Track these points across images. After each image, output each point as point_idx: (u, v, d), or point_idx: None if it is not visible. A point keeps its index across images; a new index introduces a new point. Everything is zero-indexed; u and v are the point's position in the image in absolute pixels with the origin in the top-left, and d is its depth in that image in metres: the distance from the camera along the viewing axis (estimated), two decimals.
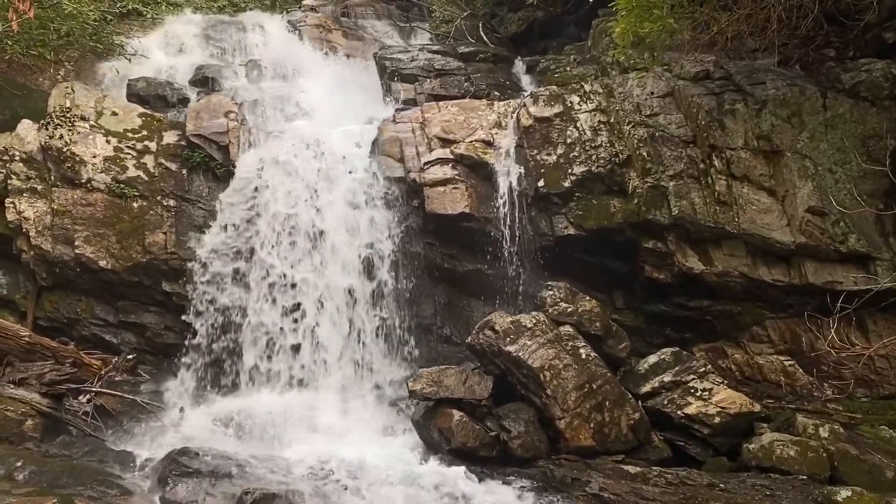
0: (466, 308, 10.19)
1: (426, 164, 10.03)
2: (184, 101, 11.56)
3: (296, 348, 9.51)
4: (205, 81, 12.07)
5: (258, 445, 8.43)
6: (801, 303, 9.32)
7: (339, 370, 9.55)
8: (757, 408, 8.43)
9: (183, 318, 9.71)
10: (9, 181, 10.02)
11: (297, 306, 9.58)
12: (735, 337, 9.66)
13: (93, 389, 8.81)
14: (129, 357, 9.62)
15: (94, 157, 10.20)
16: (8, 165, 10.08)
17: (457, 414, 8.27)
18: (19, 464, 7.42)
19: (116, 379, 9.22)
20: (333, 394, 9.34)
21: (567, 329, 8.74)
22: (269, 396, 9.27)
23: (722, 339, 9.71)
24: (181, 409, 9.02)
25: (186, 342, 9.66)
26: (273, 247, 9.76)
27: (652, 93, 10.18)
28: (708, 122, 9.75)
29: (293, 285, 9.62)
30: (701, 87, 10.02)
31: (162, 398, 9.23)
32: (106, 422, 8.63)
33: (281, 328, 9.55)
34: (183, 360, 9.63)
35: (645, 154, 9.84)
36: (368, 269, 9.81)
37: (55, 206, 9.90)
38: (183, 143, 10.51)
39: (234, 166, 10.25)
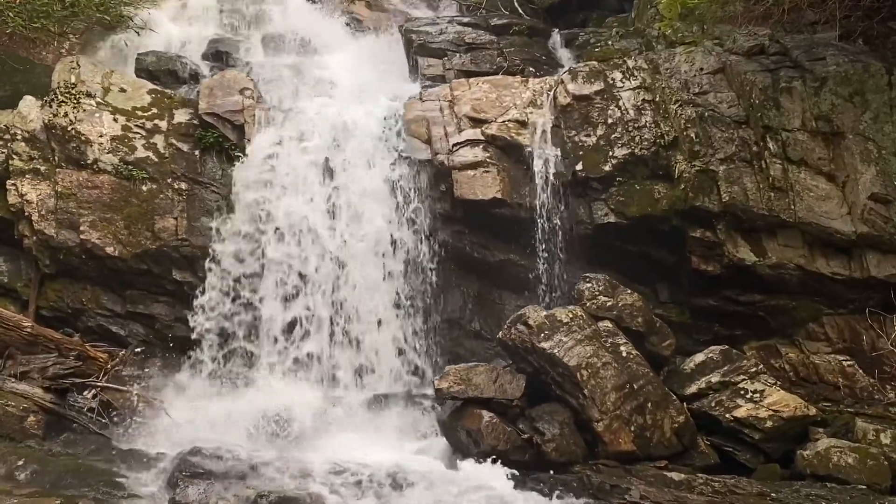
0: (497, 301, 10.17)
1: (455, 145, 10.02)
2: (196, 77, 11.59)
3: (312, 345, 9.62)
4: (219, 56, 12.11)
5: (273, 445, 8.48)
6: (863, 298, 9.25)
7: (363, 367, 9.64)
8: (812, 411, 8.39)
9: (194, 304, 9.78)
10: (10, 162, 10.09)
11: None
12: (789, 334, 9.61)
13: (99, 384, 8.86)
14: (137, 350, 9.70)
15: (101, 136, 10.25)
16: (9, 145, 10.16)
17: (486, 415, 8.28)
18: (20, 462, 7.49)
19: (124, 373, 9.27)
20: (353, 392, 9.41)
21: (606, 324, 8.72)
22: (285, 393, 9.30)
23: (775, 337, 9.66)
24: (193, 406, 9.06)
25: (198, 334, 9.73)
26: (290, 237, 9.85)
27: (701, 69, 10.12)
28: (762, 100, 9.67)
29: (310, 281, 9.75)
30: (755, 62, 9.94)
31: (172, 394, 9.27)
32: (112, 418, 8.69)
33: (297, 324, 9.64)
34: (195, 352, 9.70)
35: (693, 135, 9.78)
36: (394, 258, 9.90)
37: (59, 189, 9.99)
38: (195, 121, 10.54)
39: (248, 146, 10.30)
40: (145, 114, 10.57)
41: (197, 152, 10.42)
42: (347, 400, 9.22)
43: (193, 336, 9.72)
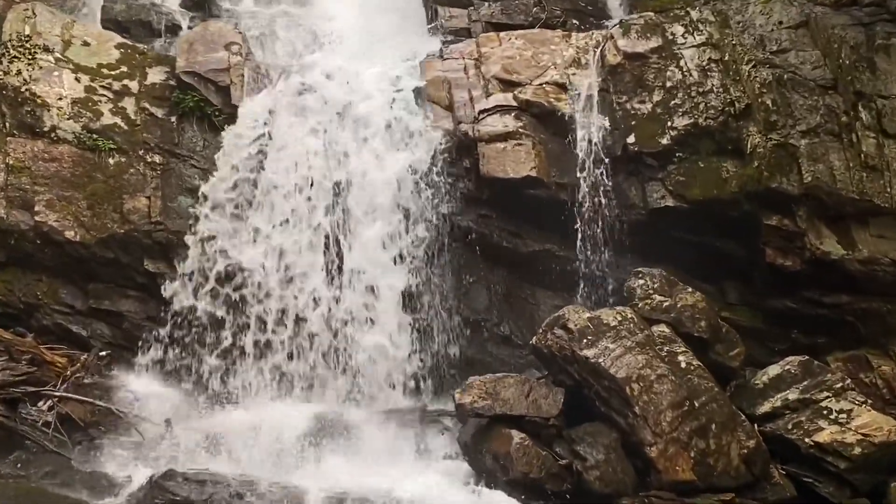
0: (531, 300, 10.15)
1: (482, 112, 10.00)
2: (173, 30, 11.56)
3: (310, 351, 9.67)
4: (200, 4, 12.04)
5: (262, 468, 8.46)
6: None
7: (364, 377, 9.64)
8: None
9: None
10: None
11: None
12: (883, 344, 9.56)
13: (56, 394, 8.84)
14: (101, 354, 9.66)
15: (61, 99, 10.24)
16: None
17: (517, 435, 8.25)
18: None
19: (86, 381, 9.24)
20: (356, 407, 9.42)
21: (662, 329, 8.69)
22: (276, 407, 9.34)
23: (865, 346, 9.60)
24: (167, 421, 9.05)
25: (173, 336, 9.74)
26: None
27: (780, 22, 10.09)
28: (853, 61, 9.64)
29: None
30: (845, 15, 9.93)
31: (143, 406, 9.25)
32: (72, 435, 8.67)
33: (292, 331, 9.68)
34: (171, 357, 9.72)
35: (769, 102, 9.75)
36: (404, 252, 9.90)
37: (10, 161, 9.99)
38: (172, 82, 10.51)
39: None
40: (113, 72, 10.54)
41: (174, 119, 10.39)
42: (349, 417, 9.21)
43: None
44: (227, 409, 9.40)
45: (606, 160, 9.82)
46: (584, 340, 8.41)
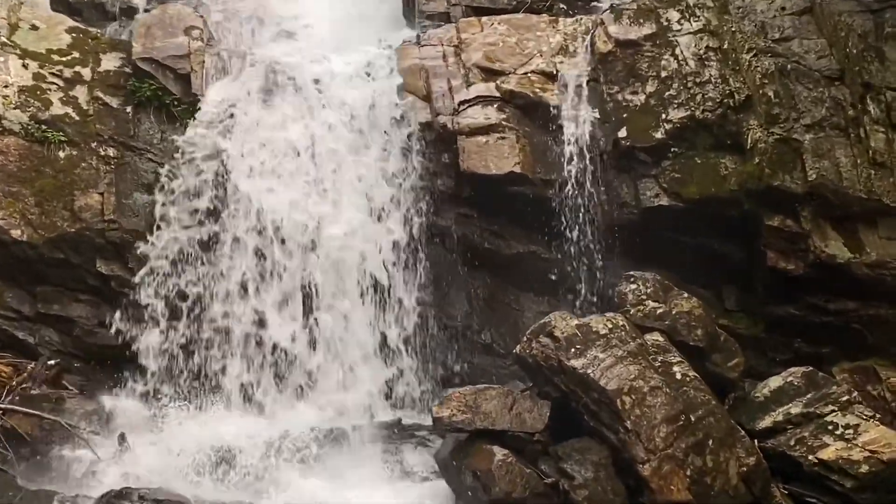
0: (514, 305, 10.18)
1: (462, 103, 10.00)
2: (129, 13, 11.46)
3: (280, 360, 9.63)
4: None
5: (223, 488, 8.47)
6: None
7: (335, 390, 9.62)
8: None
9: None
10: None
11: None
12: (892, 353, 9.63)
13: (0, 406, 8.81)
14: (50, 363, 9.57)
15: (7, 86, 10.16)
16: None
17: (499, 452, 8.19)
18: None
19: (33, 392, 9.19)
20: (326, 422, 9.34)
21: (656, 338, 8.66)
22: (242, 422, 9.30)
23: (873, 357, 9.66)
24: (122, 436, 8.96)
25: (131, 343, 9.68)
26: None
27: (783, 8, 10.14)
28: (861, 50, 9.71)
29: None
30: (853, 1, 10.00)
31: (95, 420, 9.19)
32: (18, 450, 8.62)
33: (259, 339, 9.66)
34: (124, 368, 9.66)
35: (771, 94, 9.79)
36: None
37: None
38: (128, 69, 10.48)
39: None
40: (64, 59, 10.48)
41: (129, 109, 10.33)
42: (318, 433, 9.13)
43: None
44: (188, 423, 9.33)
45: (596, 155, 9.85)
46: (572, 349, 8.36)
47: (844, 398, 8.56)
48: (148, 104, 10.33)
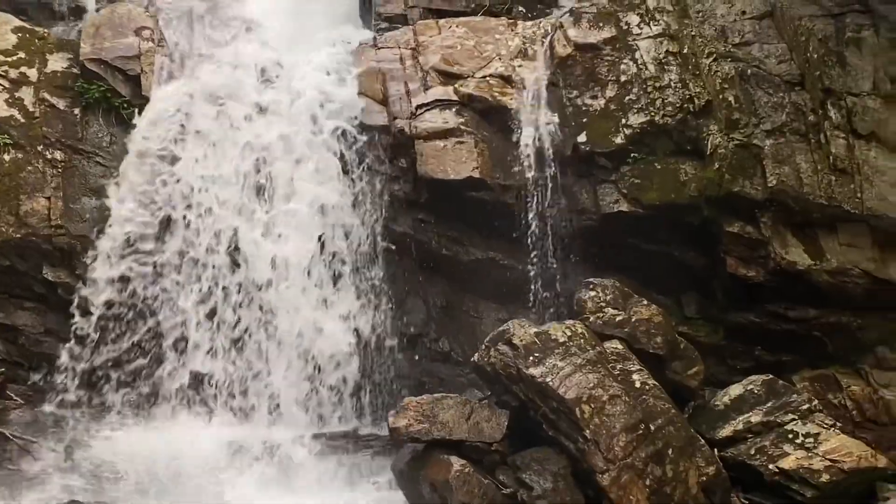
0: (472, 313, 10.22)
1: (419, 107, 10.03)
2: (77, 12, 11.42)
3: (229, 368, 9.64)
4: None
5: (173, 499, 8.43)
6: None
7: (289, 398, 9.62)
8: (882, 462, 8.42)
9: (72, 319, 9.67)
10: None
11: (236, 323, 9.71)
12: (853, 361, 9.71)
13: None
14: None
15: None
16: None
17: (457, 462, 8.21)
18: None
19: None
20: (280, 431, 9.37)
21: (615, 345, 8.73)
22: (193, 431, 9.30)
23: (834, 365, 9.74)
24: (68, 447, 8.97)
25: (78, 351, 9.63)
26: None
27: (743, 12, 10.19)
28: (822, 55, 9.74)
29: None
30: (813, 5, 10.00)
31: (41, 430, 9.19)
32: None
33: (211, 345, 9.65)
34: (69, 376, 9.59)
35: (731, 99, 9.84)
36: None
37: None
38: (76, 70, 10.44)
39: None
40: (9, 59, 10.43)
41: (77, 111, 10.31)
42: (273, 441, 9.16)
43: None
44: (136, 432, 9.32)
45: (555, 160, 9.88)
46: (531, 358, 8.37)
47: (805, 406, 8.64)
48: (96, 106, 10.30)
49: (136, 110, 10.21)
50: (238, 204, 9.91)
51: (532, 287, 9.82)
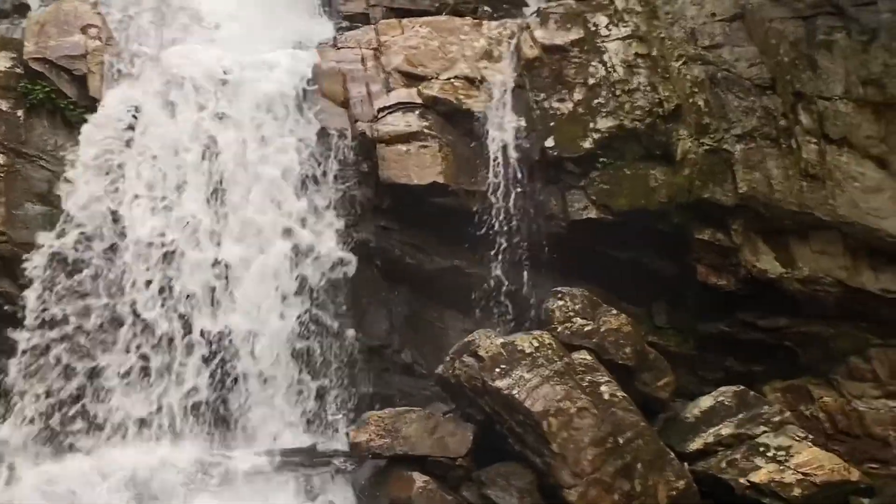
0: (437, 323, 10.24)
1: (381, 110, 10.04)
2: (22, 9, 11.28)
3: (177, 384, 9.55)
4: None
5: None
6: None
7: (245, 413, 9.58)
8: (855, 475, 8.51)
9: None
10: None
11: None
12: (825, 372, 9.78)
13: None
14: None
15: None
16: None
17: (420, 479, 8.26)
18: None
19: None
20: (234, 449, 9.33)
21: (583, 356, 8.78)
22: (143, 451, 9.20)
23: (806, 375, 9.82)
24: (10, 468, 8.92)
25: (21, 365, 9.52)
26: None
27: (713, 14, 10.26)
28: (793, 58, 9.86)
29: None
30: (784, 7, 10.09)
31: None
32: None
33: (160, 359, 9.56)
34: (13, 392, 9.49)
35: (701, 103, 9.92)
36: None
37: None
38: (19, 70, 10.32)
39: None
40: None
41: (20, 113, 10.18)
42: (227, 460, 9.10)
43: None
44: (82, 454, 9.23)
45: (522, 166, 9.94)
46: (497, 369, 8.44)
47: (776, 418, 8.74)
48: (41, 108, 10.18)
49: (83, 112, 10.12)
50: (188, 213, 9.83)
51: (498, 296, 9.87)
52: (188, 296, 9.64)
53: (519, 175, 9.93)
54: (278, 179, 9.94)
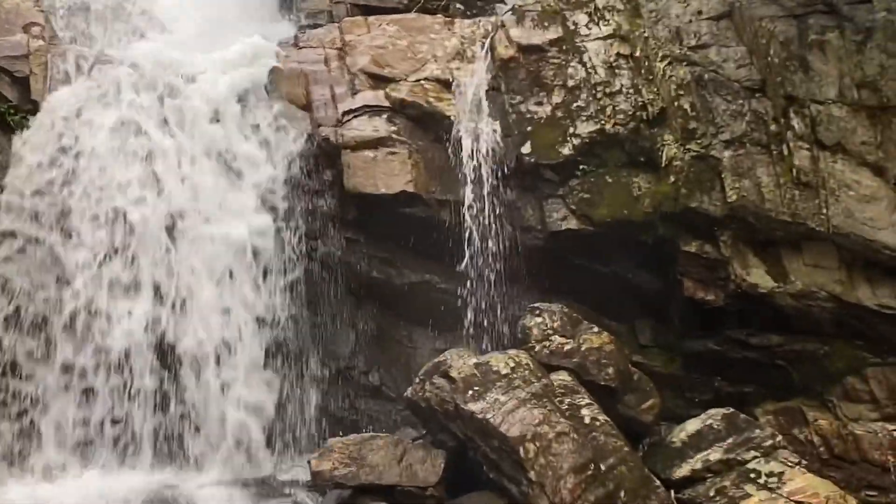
0: (406, 342, 10.24)
1: (346, 114, 10.05)
2: None
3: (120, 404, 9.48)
4: None
5: None
6: None
7: (198, 440, 9.52)
8: (852, 503, 8.41)
9: None
10: None
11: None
12: (820, 393, 9.76)
13: None
14: None
15: None
16: None
17: None
18: None
19: None
20: (187, 478, 9.26)
21: (563, 377, 8.74)
22: (91, 478, 9.15)
23: (799, 397, 9.81)
24: None
25: None
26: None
27: (699, 12, 10.26)
28: (784, 59, 9.84)
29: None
30: (774, 5, 10.08)
31: None
32: None
33: (108, 382, 9.47)
34: None
35: (687, 107, 9.91)
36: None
37: None
38: None
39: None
40: None
41: None
42: (179, 489, 9.00)
43: None
44: (28, 482, 9.17)
45: (497, 173, 9.91)
46: (470, 392, 8.38)
47: (768, 443, 8.65)
48: None
49: (24, 116, 10.06)
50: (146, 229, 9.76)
51: (472, 313, 9.83)
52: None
53: (494, 183, 9.91)
54: (237, 186, 9.95)
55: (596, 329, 9.09)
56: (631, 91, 10.08)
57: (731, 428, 8.78)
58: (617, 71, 10.17)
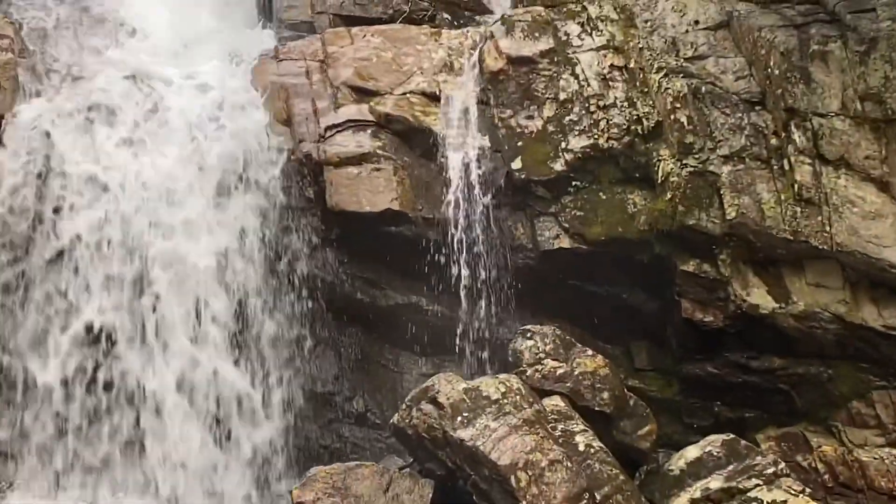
0: (392, 367, 10.22)
1: (329, 129, 10.05)
2: None
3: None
4: None
5: None
6: None
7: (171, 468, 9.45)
8: None
9: None
10: None
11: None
12: (824, 418, 9.80)
13: None
14: None
15: None
16: None
17: None
18: None
19: None
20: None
21: (556, 402, 8.77)
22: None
23: (803, 422, 9.84)
24: None
25: None
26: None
27: (696, 22, 10.31)
28: (784, 71, 9.86)
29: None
30: (774, 14, 10.14)
31: None
32: None
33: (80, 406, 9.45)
34: None
35: (684, 120, 9.93)
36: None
37: None
38: None
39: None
40: None
41: None
42: None
43: None
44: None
45: (487, 190, 9.93)
46: (459, 418, 8.40)
47: (770, 470, 8.64)
48: None
49: None
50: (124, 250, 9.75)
51: (460, 336, 9.85)
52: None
53: (483, 201, 9.93)
54: (214, 205, 9.92)
55: (590, 352, 9.12)
56: (625, 104, 10.08)
57: (732, 455, 8.77)
58: (611, 83, 10.19)
